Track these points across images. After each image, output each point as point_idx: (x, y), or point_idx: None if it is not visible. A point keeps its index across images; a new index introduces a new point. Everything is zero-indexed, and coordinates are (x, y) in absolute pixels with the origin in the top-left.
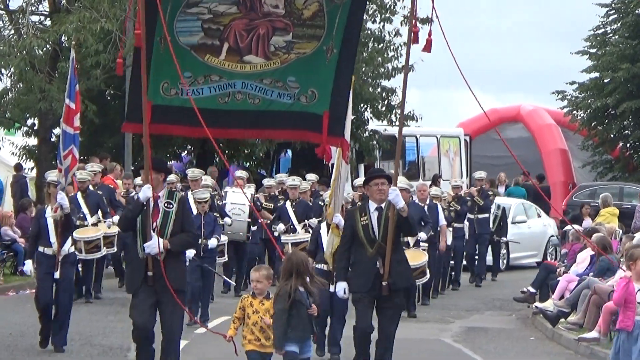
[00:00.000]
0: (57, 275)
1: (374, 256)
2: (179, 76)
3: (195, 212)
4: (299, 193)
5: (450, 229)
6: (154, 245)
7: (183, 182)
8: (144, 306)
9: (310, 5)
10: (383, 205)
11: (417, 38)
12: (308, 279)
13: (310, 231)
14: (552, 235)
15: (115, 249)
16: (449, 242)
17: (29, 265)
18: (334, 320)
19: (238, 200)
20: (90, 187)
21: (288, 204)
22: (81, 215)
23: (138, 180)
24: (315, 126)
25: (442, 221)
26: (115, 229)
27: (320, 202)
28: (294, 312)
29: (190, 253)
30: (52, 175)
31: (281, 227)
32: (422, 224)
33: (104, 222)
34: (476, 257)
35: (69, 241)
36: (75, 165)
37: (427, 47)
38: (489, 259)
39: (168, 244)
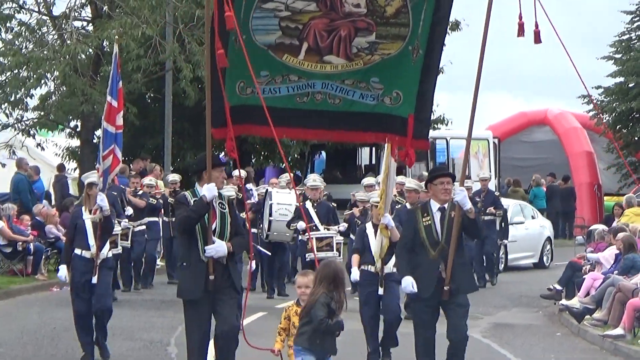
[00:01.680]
0: (94, 280)
1: (437, 259)
2: (256, 76)
3: None
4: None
5: None
6: (221, 248)
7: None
8: (206, 318)
9: (392, 2)
10: (446, 205)
11: (522, 31)
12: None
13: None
14: (548, 237)
15: (120, 249)
16: None
17: (63, 271)
18: (386, 325)
19: (284, 200)
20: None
21: (309, 204)
22: None
23: (146, 180)
24: (399, 129)
25: None
26: (118, 230)
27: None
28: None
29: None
30: (90, 177)
31: (301, 224)
32: None
33: (119, 222)
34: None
35: (107, 245)
36: (117, 165)
37: (537, 39)
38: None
39: (231, 247)
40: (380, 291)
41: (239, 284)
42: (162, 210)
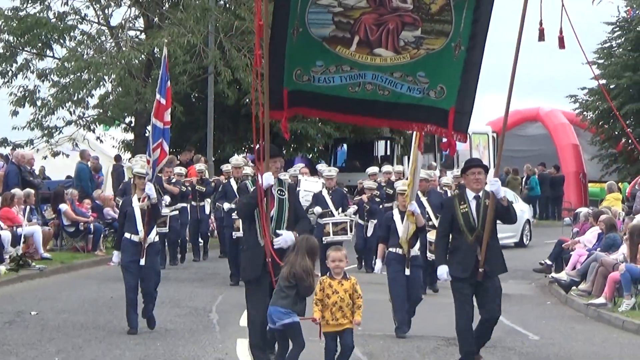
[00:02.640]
0: (142, 262)
1: (473, 243)
2: (311, 65)
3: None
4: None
5: None
6: (289, 238)
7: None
8: (264, 298)
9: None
10: (480, 193)
11: (543, 36)
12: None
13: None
14: (527, 219)
15: (167, 229)
16: None
17: (117, 257)
18: (413, 303)
19: (310, 188)
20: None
21: (325, 191)
22: None
23: (177, 169)
24: (441, 121)
25: None
26: (166, 211)
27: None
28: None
29: None
30: (137, 167)
31: (318, 209)
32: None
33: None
34: None
35: (155, 230)
36: (164, 158)
37: (561, 44)
38: None
39: (296, 234)
40: (407, 272)
41: None
42: (191, 196)
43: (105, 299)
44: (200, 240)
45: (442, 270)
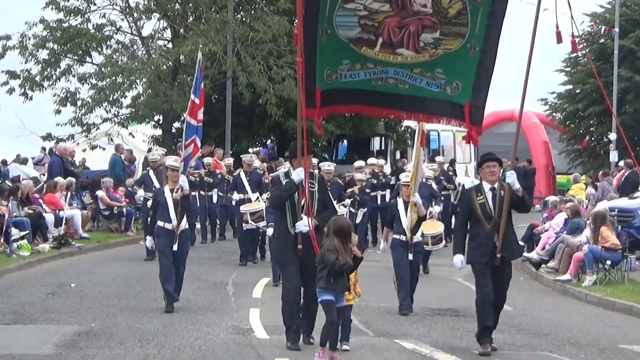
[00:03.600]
0: (175, 247)
1: (491, 231)
2: (338, 64)
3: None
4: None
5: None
6: (305, 224)
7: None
8: (296, 279)
9: (454, 4)
10: (496, 185)
11: (560, 38)
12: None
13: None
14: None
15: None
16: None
17: (150, 242)
18: (414, 283)
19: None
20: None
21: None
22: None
23: (206, 159)
24: (457, 114)
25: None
26: None
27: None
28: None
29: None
30: (170, 160)
31: None
32: (434, 199)
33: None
34: None
35: (185, 219)
36: (197, 152)
37: (574, 48)
38: None
39: (316, 222)
40: (410, 256)
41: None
42: (199, 187)
43: (135, 273)
44: (208, 225)
45: (458, 259)
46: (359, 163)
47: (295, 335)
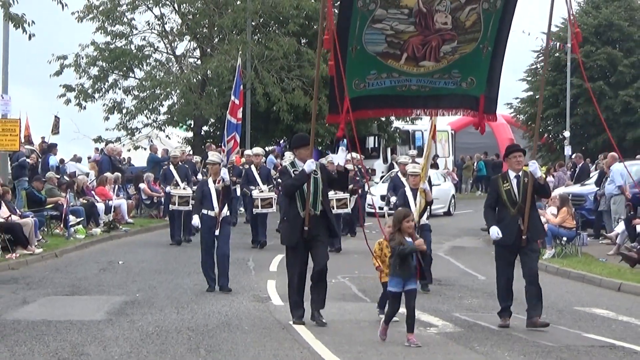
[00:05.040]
0: (217, 232)
1: (515, 215)
2: (366, 74)
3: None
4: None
5: None
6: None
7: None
8: (302, 259)
9: (470, 17)
10: (520, 173)
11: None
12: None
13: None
14: (453, 194)
15: (190, 207)
16: None
17: (196, 220)
18: (425, 261)
19: None
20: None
21: None
22: (175, 182)
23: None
24: (473, 106)
25: None
26: (190, 192)
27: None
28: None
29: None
30: (210, 156)
31: None
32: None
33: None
34: None
35: (226, 206)
36: (236, 147)
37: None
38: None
39: (322, 207)
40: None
41: (334, 230)
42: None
43: (172, 252)
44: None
45: (494, 230)
46: (330, 158)
47: (299, 312)
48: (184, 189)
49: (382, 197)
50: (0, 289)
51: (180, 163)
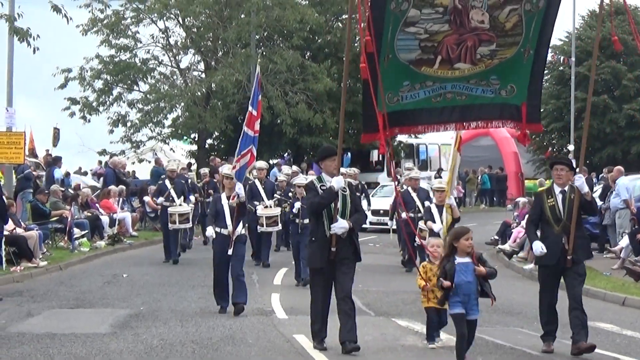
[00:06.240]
0: (230, 252)
1: (560, 233)
2: (399, 86)
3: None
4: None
5: None
6: (343, 225)
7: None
8: (328, 283)
9: (511, 18)
10: (566, 188)
11: (619, 45)
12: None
13: None
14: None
15: (190, 224)
16: None
17: (210, 230)
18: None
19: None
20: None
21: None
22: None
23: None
24: (514, 115)
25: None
26: (189, 209)
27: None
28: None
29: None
30: (225, 169)
31: None
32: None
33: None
34: None
35: (241, 224)
36: (253, 161)
37: (617, 45)
38: None
39: (350, 224)
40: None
41: (358, 253)
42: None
43: (177, 265)
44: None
45: (537, 246)
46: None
47: (321, 336)
48: (180, 205)
49: (381, 212)
50: (4, 302)
51: (177, 178)
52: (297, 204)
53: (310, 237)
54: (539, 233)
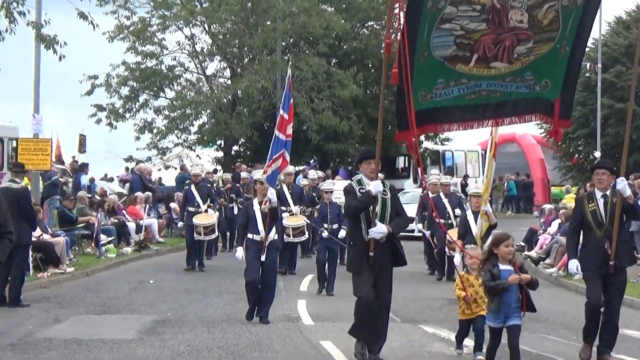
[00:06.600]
0: (263, 258)
1: (602, 238)
2: (434, 84)
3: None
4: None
5: None
6: (381, 230)
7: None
8: (369, 284)
9: (549, 14)
10: (608, 192)
11: None
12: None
13: None
14: None
15: (216, 234)
16: None
17: (240, 252)
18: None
19: (339, 187)
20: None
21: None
22: (196, 203)
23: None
24: (547, 110)
25: None
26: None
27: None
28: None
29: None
30: (257, 174)
31: None
32: (459, 206)
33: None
34: None
35: (274, 230)
36: (285, 166)
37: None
38: None
39: (390, 228)
40: None
41: (401, 258)
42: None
43: (203, 272)
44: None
45: (573, 265)
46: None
47: (367, 346)
48: (205, 211)
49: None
50: (32, 308)
51: (202, 182)
52: (342, 233)
53: (348, 241)
54: (581, 239)
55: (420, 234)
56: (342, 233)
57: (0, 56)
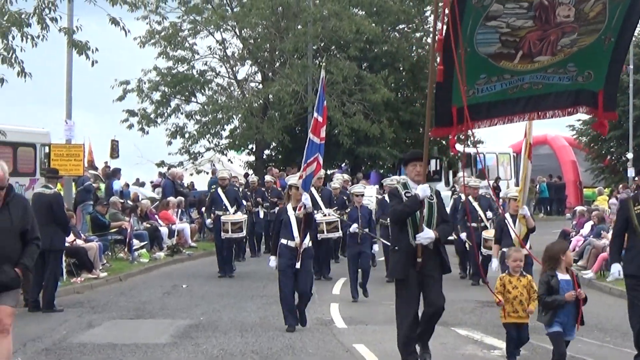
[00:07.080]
0: (297, 265)
1: None
2: (476, 79)
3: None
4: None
5: None
6: (429, 235)
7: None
8: (417, 296)
9: (595, 7)
10: None
11: None
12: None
13: None
14: None
15: (244, 233)
16: None
17: (273, 262)
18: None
19: (370, 193)
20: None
21: (386, 197)
22: (224, 206)
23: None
24: (590, 101)
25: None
26: (244, 217)
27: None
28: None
29: None
30: (292, 179)
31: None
32: (490, 209)
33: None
34: None
35: (309, 236)
36: (319, 170)
37: None
38: None
39: (437, 234)
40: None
41: (447, 265)
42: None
43: (235, 275)
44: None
45: (615, 269)
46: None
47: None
48: (233, 214)
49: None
50: (66, 313)
51: (229, 186)
52: (354, 226)
53: (392, 247)
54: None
55: (453, 237)
56: (376, 248)
57: (33, 62)
